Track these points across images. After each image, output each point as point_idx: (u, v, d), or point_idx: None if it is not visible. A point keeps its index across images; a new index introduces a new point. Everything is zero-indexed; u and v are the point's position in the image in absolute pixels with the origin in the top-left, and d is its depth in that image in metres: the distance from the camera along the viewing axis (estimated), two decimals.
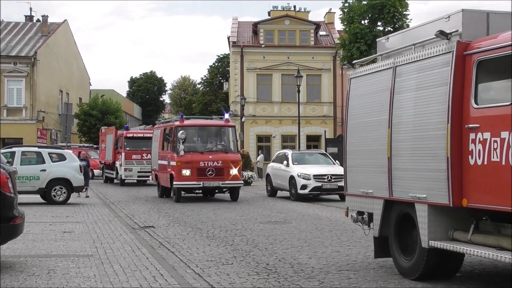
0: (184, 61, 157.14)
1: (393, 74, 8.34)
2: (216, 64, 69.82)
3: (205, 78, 71.14)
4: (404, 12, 31.19)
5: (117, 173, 33.95)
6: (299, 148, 35.55)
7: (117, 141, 34.26)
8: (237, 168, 22.12)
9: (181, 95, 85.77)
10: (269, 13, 53.34)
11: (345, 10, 31.43)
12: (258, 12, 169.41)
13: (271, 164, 25.90)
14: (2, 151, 18.54)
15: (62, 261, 9.53)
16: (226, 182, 21.85)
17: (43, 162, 20.78)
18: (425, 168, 7.55)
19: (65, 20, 54.30)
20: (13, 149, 21.03)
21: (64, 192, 20.80)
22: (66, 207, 19.51)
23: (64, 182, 20.79)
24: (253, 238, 12.31)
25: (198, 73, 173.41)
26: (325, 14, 54.70)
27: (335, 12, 51.85)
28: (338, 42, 36.78)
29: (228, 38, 50.52)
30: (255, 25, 48.90)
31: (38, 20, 53.63)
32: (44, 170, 20.59)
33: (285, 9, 53.30)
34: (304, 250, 10.79)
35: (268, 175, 25.50)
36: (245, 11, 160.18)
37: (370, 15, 31.09)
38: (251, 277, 8.47)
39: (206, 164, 21.61)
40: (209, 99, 66.58)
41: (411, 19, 35.25)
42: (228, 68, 59.75)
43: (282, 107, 47.08)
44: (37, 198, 21.20)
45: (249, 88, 46.68)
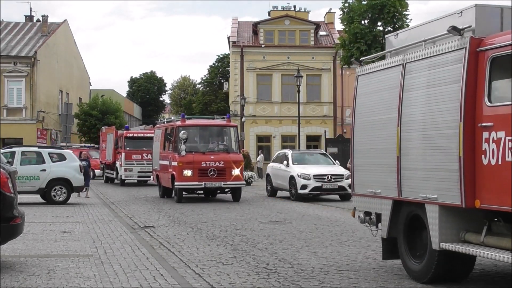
0: (184, 61, 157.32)
1: (403, 71, 8.16)
2: (216, 64, 69.80)
3: (205, 78, 71.11)
4: (404, 12, 31.19)
5: (117, 173, 33.72)
6: (299, 148, 35.54)
7: (117, 141, 34.02)
8: (239, 169, 21.93)
9: (181, 95, 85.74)
10: (269, 13, 53.34)
11: (345, 10, 31.43)
12: (258, 12, 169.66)
13: (271, 164, 25.90)
14: (2, 151, 18.54)
15: (62, 261, 9.53)
16: (228, 183, 21.65)
17: (43, 162, 20.79)
18: (436, 168, 7.38)
19: (65, 20, 54.31)
20: (13, 149, 21.03)
21: (64, 192, 20.81)
22: (66, 207, 19.51)
23: (64, 182, 20.80)
24: (253, 238, 12.31)
25: (198, 73, 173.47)
26: (325, 14, 54.71)
27: (335, 12, 51.90)
28: (338, 42, 36.79)
29: (228, 38, 50.53)
30: (255, 25, 48.90)
31: (38, 20, 53.61)
32: (44, 170, 20.60)
33: (285, 9, 53.28)
34: (304, 250, 10.78)
35: (268, 175, 25.50)
36: (245, 11, 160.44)
37: (370, 15, 31.09)
38: (251, 277, 8.47)
39: (208, 165, 21.41)
40: (209, 99, 66.56)
41: (411, 19, 35.28)
42: (228, 68, 59.75)
43: (282, 107, 47.08)
44: (37, 198, 21.20)
45: (249, 88, 46.68)
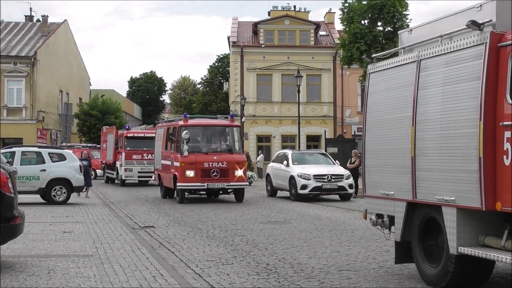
0: (184, 61, 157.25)
1: (417, 68, 7.89)
2: (216, 64, 69.81)
3: (205, 78, 71.10)
4: (404, 12, 31.10)
5: (118, 173, 33.47)
6: (299, 148, 35.52)
7: (118, 141, 33.82)
8: (243, 169, 21.58)
9: (181, 95, 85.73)
10: (269, 13, 53.31)
11: (345, 10, 31.38)
12: (258, 12, 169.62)
13: (271, 164, 25.90)
14: (2, 151, 18.54)
15: (62, 261, 9.54)
16: (231, 184, 21.30)
17: (43, 162, 20.79)
18: (454, 169, 7.07)
19: (65, 20, 54.31)
20: (13, 149, 21.04)
21: (64, 192, 20.81)
22: (66, 207, 19.51)
23: (64, 182, 20.81)
24: (253, 238, 12.31)
25: (198, 73, 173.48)
26: (325, 14, 54.69)
27: (335, 12, 51.85)
28: (338, 42, 36.76)
29: (228, 38, 50.52)
30: (255, 25, 48.88)
31: (38, 20, 53.61)
32: (44, 170, 20.60)
33: (285, 9, 53.27)
34: (304, 250, 10.79)
35: (268, 175, 25.49)
36: (245, 11, 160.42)
37: (370, 15, 31.03)
38: (251, 277, 8.47)
39: (211, 165, 21.03)
40: (209, 99, 66.56)
41: (411, 19, 35.23)
42: (228, 68, 59.74)
43: (282, 107, 47.07)
44: (37, 198, 21.20)
45: (249, 88, 46.67)
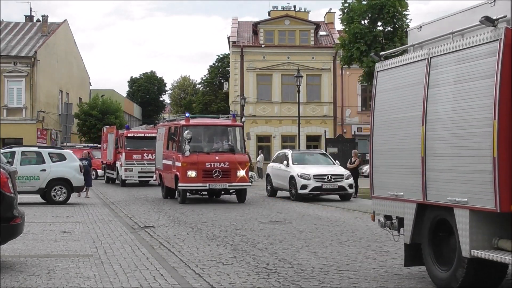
0: (184, 61, 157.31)
1: (428, 66, 7.69)
2: (216, 64, 69.84)
3: (205, 78, 71.14)
4: (404, 12, 31.12)
5: (118, 173, 33.30)
6: (299, 148, 35.51)
7: (118, 141, 33.68)
8: (245, 170, 21.37)
9: (181, 95, 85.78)
10: (269, 13, 53.32)
11: (345, 11, 31.38)
12: (258, 12, 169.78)
13: (271, 164, 25.89)
14: (2, 151, 18.55)
15: (62, 261, 9.53)
16: (233, 184, 21.09)
17: (43, 162, 20.79)
18: (467, 169, 6.87)
19: (65, 20, 54.31)
20: (13, 149, 21.03)
21: (64, 192, 20.81)
22: (66, 207, 19.51)
23: (64, 182, 20.80)
24: (253, 238, 12.31)
25: (198, 73, 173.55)
26: (325, 14, 54.71)
27: (335, 12, 51.89)
28: (338, 42, 36.78)
29: (228, 38, 50.52)
30: (255, 25, 48.88)
31: (38, 20, 53.61)
32: (44, 170, 20.60)
33: (285, 9, 53.27)
34: (304, 250, 10.79)
35: (268, 175, 25.49)
36: (245, 11, 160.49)
37: (370, 15, 31.04)
38: (251, 277, 8.47)
39: (213, 165, 20.80)
40: (209, 99, 66.60)
41: (411, 19, 35.27)
42: (228, 68, 59.75)
43: (282, 107, 47.07)
44: (37, 198, 21.20)
45: (249, 88, 46.67)
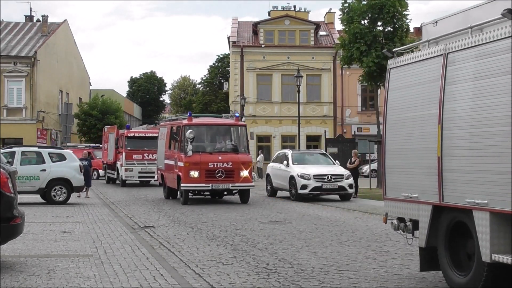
0: (184, 61, 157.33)
1: (444, 62, 7.41)
2: (216, 64, 69.85)
3: (205, 78, 71.15)
4: (404, 12, 31.10)
5: (118, 174, 33.15)
6: (299, 148, 35.53)
7: (118, 141, 33.55)
8: (248, 170, 21.14)
9: (181, 95, 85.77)
10: (269, 13, 53.32)
11: (345, 11, 31.36)
12: (258, 12, 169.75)
13: (271, 164, 25.89)
14: (2, 151, 18.55)
15: (62, 261, 9.53)
16: (236, 185, 20.84)
17: (43, 162, 20.78)
18: (487, 170, 6.59)
19: (65, 20, 54.30)
20: (13, 149, 21.03)
21: (64, 192, 20.81)
22: (66, 207, 19.51)
23: (64, 182, 20.80)
24: (253, 238, 12.31)
25: (198, 73, 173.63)
26: (325, 14, 54.71)
27: (335, 12, 51.88)
28: (338, 42, 36.78)
29: (228, 38, 50.52)
30: (255, 25, 48.88)
31: (38, 20, 53.61)
32: (44, 170, 20.59)
33: (285, 9, 53.27)
34: (304, 250, 10.79)
35: (268, 175, 25.49)
36: (245, 11, 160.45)
37: (370, 15, 31.03)
38: (251, 277, 8.47)
39: (215, 165, 20.54)
40: (209, 99, 66.60)
41: (411, 19, 35.28)
42: (228, 68, 59.75)
43: (282, 107, 47.07)
44: (37, 198, 21.20)
45: (249, 88, 46.67)
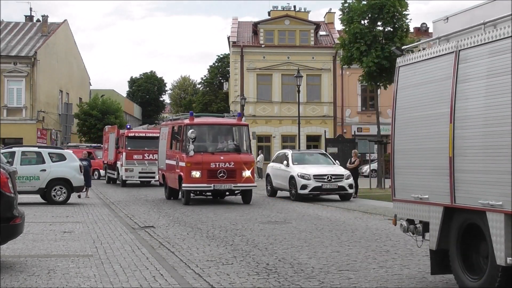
0: (184, 61, 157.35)
1: (456, 60, 7.21)
2: (216, 64, 69.85)
3: (205, 78, 71.15)
4: (404, 12, 31.11)
5: (118, 174, 33.06)
6: (299, 148, 35.52)
7: (118, 141, 33.48)
8: (250, 170, 20.93)
9: (181, 95, 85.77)
10: (269, 13, 53.31)
11: (345, 11, 31.37)
12: (258, 12, 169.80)
13: (271, 164, 25.90)
14: (2, 151, 18.54)
15: (62, 261, 9.53)
16: (239, 185, 20.69)
17: (43, 162, 20.78)
18: (501, 170, 6.38)
19: (65, 20, 54.31)
20: (13, 149, 21.03)
21: (64, 192, 20.80)
22: (66, 207, 19.51)
23: (64, 182, 20.79)
24: (253, 238, 12.31)
25: (198, 73, 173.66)
26: (325, 14, 54.70)
27: (335, 12, 51.87)
28: (338, 42, 36.78)
29: (228, 38, 50.52)
30: (255, 25, 48.88)
31: (38, 20, 53.62)
32: (44, 170, 20.59)
33: (285, 9, 53.26)
34: (304, 250, 10.79)
35: (268, 175, 25.50)
36: (245, 11, 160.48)
37: (370, 15, 31.03)
38: (251, 277, 8.47)
39: (217, 165, 20.38)
40: (209, 99, 66.59)
41: (411, 19, 35.28)
42: (228, 68, 59.75)
43: (282, 107, 47.07)
44: (37, 198, 21.19)
45: (249, 88, 46.67)
